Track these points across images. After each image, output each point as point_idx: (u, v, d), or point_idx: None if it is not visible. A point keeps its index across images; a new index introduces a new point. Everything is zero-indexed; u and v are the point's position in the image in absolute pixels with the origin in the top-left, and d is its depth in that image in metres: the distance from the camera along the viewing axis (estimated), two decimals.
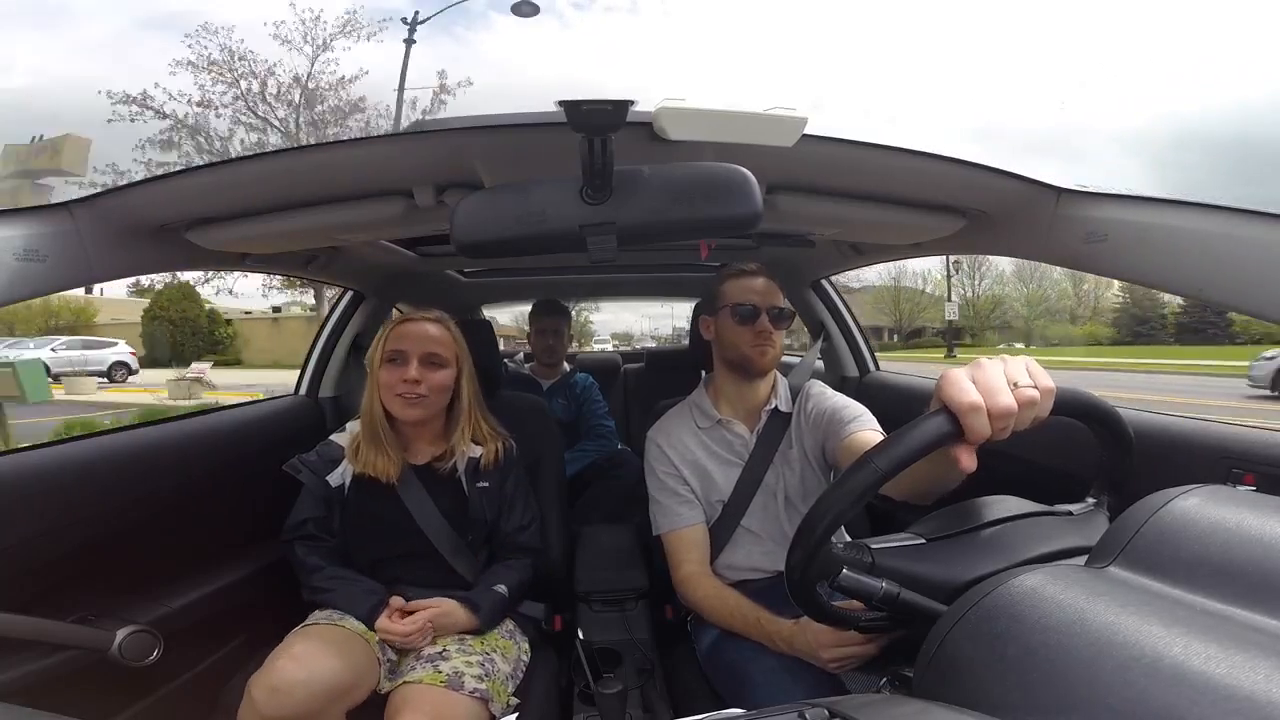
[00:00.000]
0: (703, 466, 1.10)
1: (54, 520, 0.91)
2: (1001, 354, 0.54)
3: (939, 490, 0.67)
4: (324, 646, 0.86)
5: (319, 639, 0.89)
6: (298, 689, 0.79)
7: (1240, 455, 0.79)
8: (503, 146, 0.80)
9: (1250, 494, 0.45)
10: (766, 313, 1.06)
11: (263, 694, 0.79)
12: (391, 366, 1.04)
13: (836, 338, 1.92)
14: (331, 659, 0.85)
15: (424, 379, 1.03)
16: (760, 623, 0.89)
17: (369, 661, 0.92)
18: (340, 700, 0.84)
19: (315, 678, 0.81)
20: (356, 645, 0.92)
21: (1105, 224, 0.81)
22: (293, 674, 0.80)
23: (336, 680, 0.83)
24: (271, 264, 1.30)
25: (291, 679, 0.80)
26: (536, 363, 2.18)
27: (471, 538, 1.09)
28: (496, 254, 0.80)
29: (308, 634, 0.91)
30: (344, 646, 0.89)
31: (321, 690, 0.81)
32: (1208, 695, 0.29)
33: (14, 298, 0.73)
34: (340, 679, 0.84)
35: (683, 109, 0.61)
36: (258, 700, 0.79)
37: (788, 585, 0.54)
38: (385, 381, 1.04)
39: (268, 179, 0.86)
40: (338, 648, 0.88)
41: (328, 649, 0.86)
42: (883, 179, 0.93)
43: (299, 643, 0.87)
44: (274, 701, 0.78)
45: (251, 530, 1.27)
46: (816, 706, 0.32)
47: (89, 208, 0.81)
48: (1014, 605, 0.39)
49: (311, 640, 0.88)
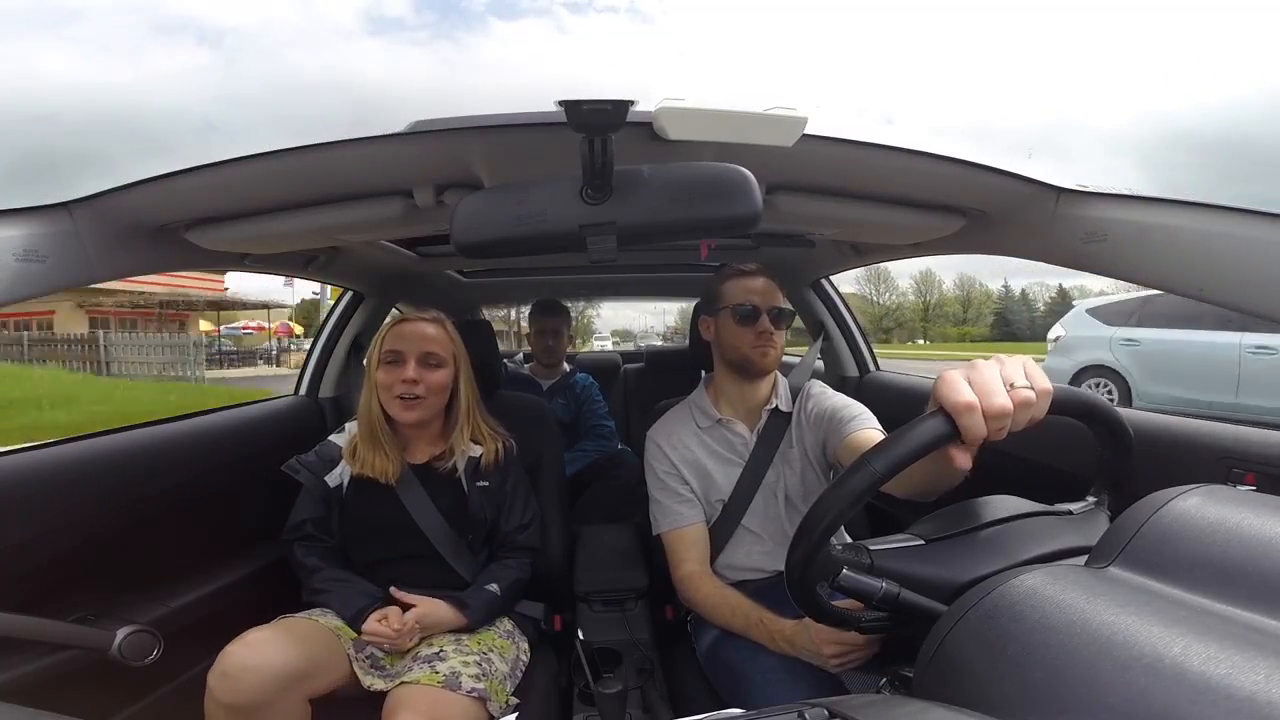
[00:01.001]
0: (703, 466, 1.10)
1: (54, 520, 0.91)
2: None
3: (940, 488, 0.67)
4: (279, 634, 0.87)
5: (277, 628, 0.90)
6: (247, 674, 0.80)
7: (1240, 455, 0.79)
8: (503, 146, 0.80)
9: (1250, 494, 0.44)
10: (767, 313, 1.06)
11: (215, 680, 0.80)
12: (389, 367, 1.04)
13: (836, 338, 1.92)
14: (286, 647, 0.85)
15: (422, 379, 1.03)
16: (762, 623, 0.89)
17: (331, 653, 0.92)
18: (296, 688, 0.84)
19: (267, 664, 0.81)
20: (319, 636, 0.92)
21: (1105, 224, 0.81)
22: (243, 659, 0.81)
23: (289, 667, 0.83)
24: (271, 264, 1.30)
25: (241, 664, 0.80)
26: (536, 363, 2.18)
27: (471, 538, 1.09)
28: (496, 254, 0.80)
29: (270, 624, 0.92)
30: (302, 636, 0.90)
31: (273, 676, 0.81)
32: (1208, 695, 0.29)
33: (14, 297, 0.73)
34: (293, 666, 0.84)
35: (682, 109, 0.61)
36: (212, 687, 0.80)
37: (788, 585, 0.54)
38: (383, 382, 1.04)
39: (268, 179, 0.86)
40: (295, 636, 0.88)
41: (285, 637, 0.87)
42: (883, 179, 0.93)
43: (254, 631, 0.87)
44: (225, 687, 0.79)
45: (251, 530, 1.27)
46: (816, 706, 0.32)
47: (89, 208, 0.81)
48: (1014, 605, 0.39)
49: (268, 629, 0.89)
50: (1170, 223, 0.75)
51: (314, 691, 0.87)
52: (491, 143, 0.79)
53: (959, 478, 0.64)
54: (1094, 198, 0.84)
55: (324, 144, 0.78)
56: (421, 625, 0.97)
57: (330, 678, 0.90)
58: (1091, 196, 0.84)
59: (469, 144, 0.79)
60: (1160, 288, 0.81)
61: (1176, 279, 0.76)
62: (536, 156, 0.79)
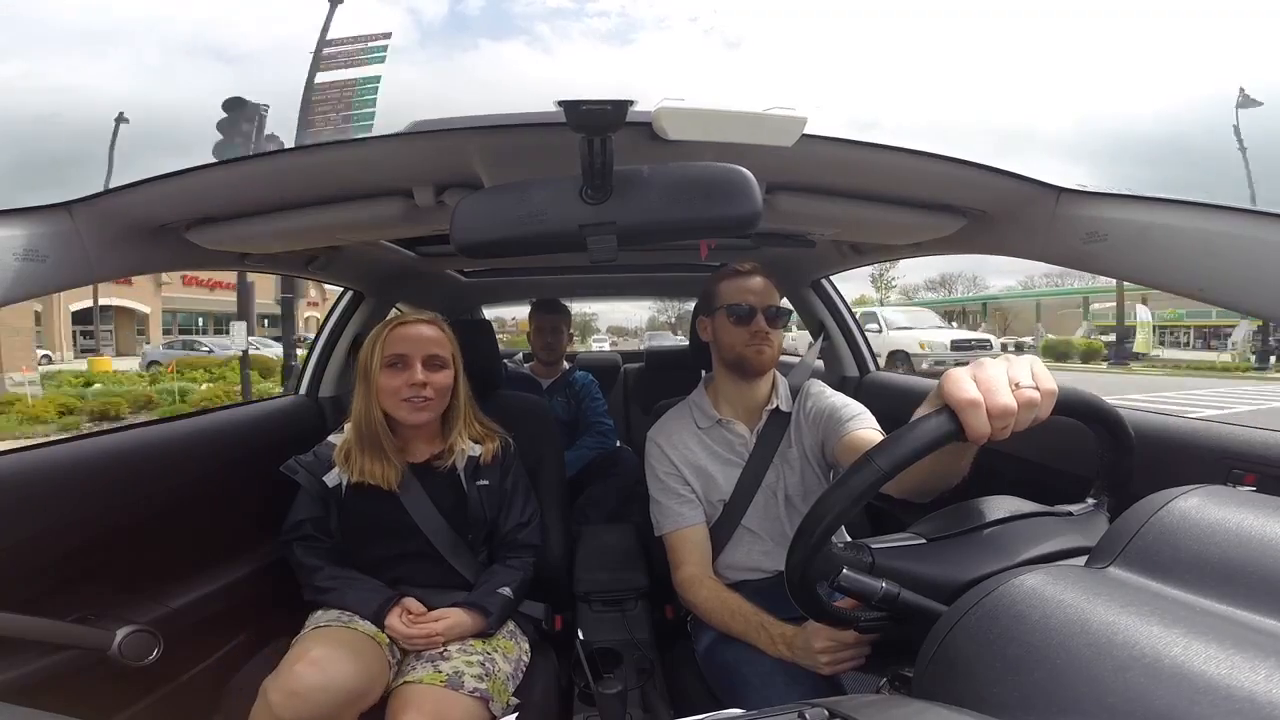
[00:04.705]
0: (703, 466, 1.10)
1: (54, 520, 0.91)
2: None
3: (941, 487, 0.67)
4: (340, 650, 0.86)
5: (335, 643, 0.88)
6: (316, 694, 0.79)
7: (1240, 455, 0.79)
8: (502, 146, 0.80)
9: (1250, 494, 0.44)
10: (763, 312, 1.05)
11: (280, 697, 0.78)
12: (392, 371, 1.02)
13: (836, 338, 1.92)
14: (348, 663, 0.84)
15: (429, 381, 1.03)
16: (763, 626, 0.89)
17: (381, 664, 0.92)
18: (355, 704, 0.84)
19: (334, 683, 0.81)
20: (369, 648, 0.92)
21: (1105, 223, 0.81)
22: (312, 679, 0.80)
23: (353, 685, 0.83)
24: (271, 264, 1.30)
25: (310, 684, 0.79)
26: (536, 361, 2.18)
27: (471, 536, 1.09)
28: (496, 254, 0.80)
29: (324, 638, 0.91)
30: (359, 650, 0.89)
31: (340, 695, 0.81)
32: (1208, 695, 0.29)
33: (14, 298, 0.73)
34: (357, 683, 0.84)
35: (682, 109, 0.61)
36: (275, 704, 0.78)
37: (787, 585, 0.54)
38: (389, 387, 1.02)
39: (268, 179, 0.86)
40: (353, 651, 0.88)
41: (344, 653, 0.86)
42: (883, 179, 0.93)
43: (316, 647, 0.86)
44: (291, 705, 0.78)
45: (251, 530, 1.27)
46: (816, 706, 0.32)
47: (89, 207, 0.81)
48: (1014, 605, 0.39)
49: (328, 645, 0.87)
50: (1170, 223, 0.75)
51: (368, 705, 0.86)
52: (491, 143, 0.79)
53: (959, 477, 0.64)
54: (1094, 198, 0.84)
55: (324, 144, 0.78)
56: (446, 637, 0.97)
57: (379, 690, 0.90)
58: (1092, 196, 0.84)
59: (469, 144, 0.79)
60: (1160, 288, 0.81)
61: (1176, 279, 0.76)
62: (536, 156, 0.79)
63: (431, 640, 0.96)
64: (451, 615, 0.99)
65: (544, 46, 41.26)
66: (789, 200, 0.96)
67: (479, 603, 1.02)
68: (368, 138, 0.77)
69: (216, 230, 0.95)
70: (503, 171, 0.82)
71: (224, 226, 0.94)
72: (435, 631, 0.96)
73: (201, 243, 0.96)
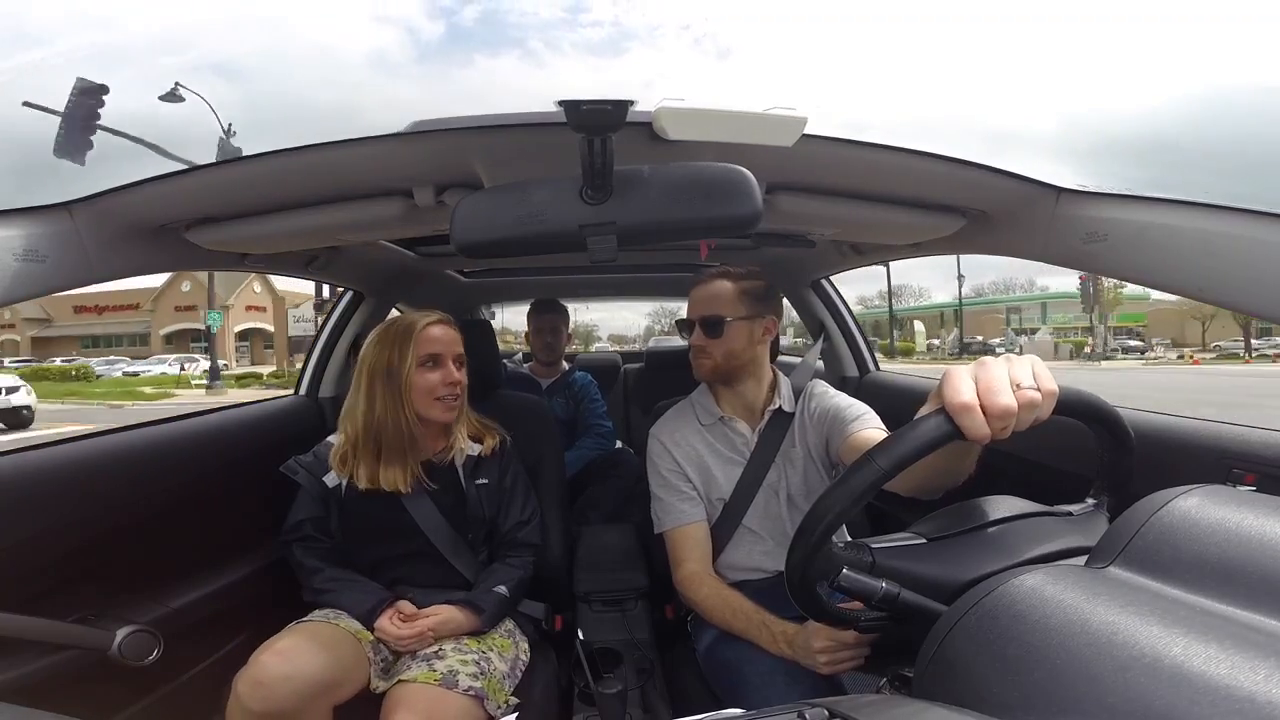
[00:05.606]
0: (705, 464, 1.10)
1: (54, 520, 0.91)
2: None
3: (948, 484, 0.67)
4: (310, 642, 0.87)
5: (305, 635, 0.89)
6: (281, 684, 0.79)
7: (1240, 455, 0.79)
8: (503, 146, 0.79)
9: (1250, 494, 0.44)
10: (699, 323, 1.06)
11: (246, 688, 0.79)
12: (427, 370, 1.03)
13: (836, 338, 1.91)
14: (317, 655, 0.85)
15: (460, 379, 1.06)
16: (764, 625, 0.89)
17: (356, 659, 0.92)
18: (325, 696, 0.84)
19: (299, 673, 0.81)
20: (345, 642, 0.92)
21: (1105, 223, 0.81)
22: (276, 668, 0.80)
23: (321, 676, 0.83)
24: (271, 264, 1.30)
25: (275, 673, 0.80)
26: (535, 362, 2.18)
27: (471, 536, 1.09)
28: (496, 254, 0.80)
29: (295, 630, 0.91)
30: (331, 643, 0.89)
31: (305, 686, 0.81)
32: (1208, 695, 0.29)
33: (14, 298, 0.73)
34: (325, 675, 0.84)
35: (682, 109, 0.61)
36: (242, 694, 0.79)
37: (788, 584, 0.54)
38: (425, 386, 1.03)
39: (267, 179, 0.86)
40: (324, 644, 0.88)
41: (313, 645, 0.86)
42: (882, 179, 0.93)
43: (285, 638, 0.87)
44: (257, 695, 0.78)
45: (251, 530, 1.27)
46: (816, 706, 0.32)
47: (89, 208, 0.81)
48: (1014, 605, 0.39)
49: (297, 636, 0.88)
50: (1170, 223, 0.75)
51: (340, 699, 0.87)
52: (491, 143, 0.79)
53: (962, 476, 0.64)
54: (1094, 198, 0.84)
55: (323, 144, 0.78)
56: (437, 633, 0.97)
57: (355, 684, 0.90)
58: (1092, 196, 0.84)
59: (469, 144, 0.79)
60: (1160, 288, 0.80)
61: (1176, 279, 0.76)
62: (536, 156, 0.79)
63: (423, 637, 0.96)
64: (444, 611, 0.99)
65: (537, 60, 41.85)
66: (789, 200, 0.96)
67: (473, 600, 1.02)
68: (368, 138, 0.77)
69: (216, 230, 0.95)
70: (503, 171, 0.82)
71: (224, 227, 0.94)
72: (427, 627, 0.96)
73: (201, 243, 0.96)
